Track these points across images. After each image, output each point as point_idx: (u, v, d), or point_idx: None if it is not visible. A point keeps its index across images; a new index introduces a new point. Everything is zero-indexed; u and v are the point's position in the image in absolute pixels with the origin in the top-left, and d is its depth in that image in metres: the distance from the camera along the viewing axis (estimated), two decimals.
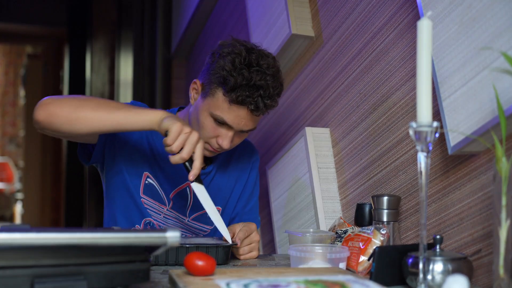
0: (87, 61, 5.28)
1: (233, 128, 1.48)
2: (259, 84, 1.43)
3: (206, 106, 1.49)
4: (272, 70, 1.47)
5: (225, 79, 1.44)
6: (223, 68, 1.44)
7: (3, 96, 8.41)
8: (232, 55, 1.45)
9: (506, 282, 0.94)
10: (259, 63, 1.46)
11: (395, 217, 1.38)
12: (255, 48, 1.50)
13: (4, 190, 7.56)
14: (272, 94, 1.46)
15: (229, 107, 1.45)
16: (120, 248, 0.94)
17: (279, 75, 1.51)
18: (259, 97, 1.44)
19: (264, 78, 1.44)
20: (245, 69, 1.43)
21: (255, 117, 1.49)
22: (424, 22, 0.95)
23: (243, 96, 1.43)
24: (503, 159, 0.95)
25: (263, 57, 1.48)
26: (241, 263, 1.45)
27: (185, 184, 1.61)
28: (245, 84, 1.42)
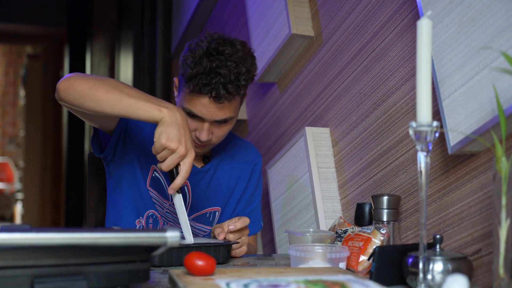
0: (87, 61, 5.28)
1: (205, 119, 1.48)
2: (217, 71, 1.43)
3: (180, 101, 1.53)
4: (237, 56, 1.46)
5: (185, 71, 1.46)
6: (185, 61, 1.47)
7: (3, 96, 8.42)
8: (194, 49, 1.47)
9: (506, 282, 0.94)
10: (219, 51, 1.45)
11: (395, 217, 1.38)
12: (221, 37, 1.50)
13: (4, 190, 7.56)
14: (233, 80, 1.44)
15: (191, 98, 1.47)
16: (120, 248, 0.94)
17: (247, 60, 1.49)
18: (219, 84, 1.43)
19: (224, 65, 1.44)
20: (204, 58, 1.44)
21: (223, 105, 1.47)
22: (424, 22, 0.95)
23: (201, 85, 1.43)
24: (503, 159, 0.95)
25: (226, 44, 1.47)
26: (241, 262, 1.45)
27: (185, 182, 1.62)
28: (201, 72, 1.43)
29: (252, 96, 2.49)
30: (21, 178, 7.46)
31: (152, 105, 1.33)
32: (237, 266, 1.39)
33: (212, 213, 1.67)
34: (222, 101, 1.45)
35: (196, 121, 1.50)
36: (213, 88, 1.43)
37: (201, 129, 1.50)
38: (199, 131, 1.51)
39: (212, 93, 1.44)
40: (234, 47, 1.48)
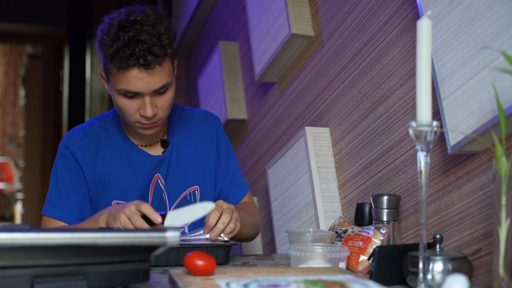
0: (87, 61, 5.28)
1: (143, 92, 1.45)
2: (137, 39, 1.40)
3: (112, 87, 1.49)
4: (150, 19, 1.43)
5: (105, 53, 1.42)
6: (102, 43, 1.44)
7: (3, 96, 8.41)
8: (106, 28, 1.44)
9: (506, 282, 0.94)
10: (132, 21, 1.42)
11: (395, 217, 1.38)
12: (129, 9, 1.47)
13: (4, 190, 7.56)
14: (156, 42, 1.41)
15: (120, 76, 1.43)
16: (120, 248, 0.94)
17: (163, 20, 1.46)
18: (143, 50, 1.39)
19: (142, 30, 1.40)
20: (120, 32, 1.41)
21: (154, 71, 1.43)
22: (424, 22, 0.95)
23: (125, 57, 1.40)
24: (503, 159, 0.95)
25: (135, 13, 1.44)
26: (241, 262, 1.45)
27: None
28: (122, 45, 1.39)
29: (252, 96, 2.49)
30: (21, 178, 7.46)
31: (94, 222, 1.44)
32: (237, 266, 1.39)
33: (191, 194, 1.66)
34: (152, 66, 1.42)
35: (136, 100, 1.46)
36: (139, 56, 1.39)
37: (144, 105, 1.46)
38: (142, 108, 1.47)
39: (139, 61, 1.40)
40: (145, 12, 1.45)
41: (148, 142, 1.63)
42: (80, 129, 1.62)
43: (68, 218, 1.56)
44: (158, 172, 1.62)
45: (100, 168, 1.58)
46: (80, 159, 1.57)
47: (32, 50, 7.67)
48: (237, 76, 2.63)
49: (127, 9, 1.48)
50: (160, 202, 1.62)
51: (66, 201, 1.56)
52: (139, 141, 1.63)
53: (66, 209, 1.56)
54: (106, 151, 1.59)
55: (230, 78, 2.61)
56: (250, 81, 2.51)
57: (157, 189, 1.62)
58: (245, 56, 2.58)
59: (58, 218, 1.57)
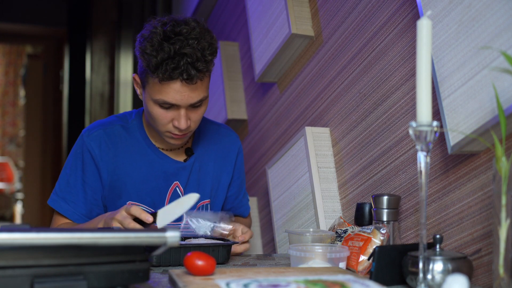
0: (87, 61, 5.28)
1: (180, 105, 1.45)
2: (182, 52, 1.39)
3: (148, 95, 1.48)
4: (195, 33, 1.42)
5: (148, 62, 1.41)
6: (144, 51, 1.42)
7: (3, 96, 8.41)
8: (149, 37, 1.42)
9: (506, 282, 0.94)
10: (177, 32, 1.41)
11: (395, 217, 1.38)
12: (173, 19, 1.46)
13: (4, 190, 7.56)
14: (201, 57, 1.41)
15: (161, 87, 1.42)
16: (120, 248, 0.94)
17: (206, 34, 1.45)
18: (187, 64, 1.39)
19: (187, 44, 1.40)
20: (164, 43, 1.40)
21: (195, 86, 1.44)
22: (424, 22, 0.95)
23: (169, 70, 1.39)
24: (503, 159, 0.95)
25: (180, 24, 1.43)
26: (241, 262, 1.45)
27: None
28: (167, 57, 1.39)
29: (252, 96, 2.49)
30: (21, 178, 7.46)
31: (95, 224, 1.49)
32: (237, 266, 1.39)
33: (203, 206, 1.67)
34: (194, 81, 1.42)
35: (171, 111, 1.46)
36: (182, 70, 1.39)
37: (179, 117, 1.46)
38: (176, 120, 1.47)
39: (183, 75, 1.40)
40: (189, 25, 1.43)
41: (170, 146, 1.63)
42: (100, 126, 1.60)
43: (73, 215, 1.57)
44: (177, 179, 1.61)
45: (118, 168, 1.57)
46: (97, 156, 1.56)
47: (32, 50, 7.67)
48: (237, 76, 2.63)
49: (170, 18, 1.46)
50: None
51: (74, 198, 1.56)
52: (161, 144, 1.62)
53: (73, 205, 1.56)
54: (125, 151, 1.58)
55: (230, 78, 2.61)
56: (250, 81, 2.51)
57: (175, 196, 1.61)
58: (245, 56, 2.58)
59: (63, 213, 1.57)
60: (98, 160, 1.56)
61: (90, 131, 1.58)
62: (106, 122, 1.62)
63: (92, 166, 1.56)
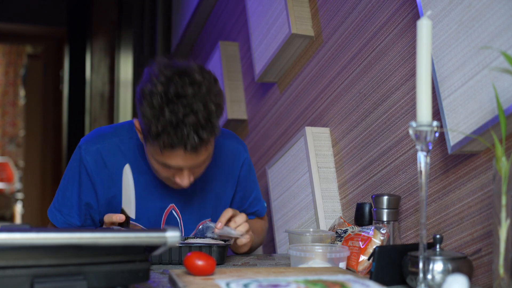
0: (87, 61, 5.28)
1: (183, 168, 1.36)
2: (185, 121, 1.26)
3: (148, 151, 1.39)
4: (201, 94, 1.28)
5: (148, 128, 1.29)
6: (144, 115, 1.29)
7: (3, 96, 8.42)
8: (149, 97, 1.29)
9: (506, 282, 0.94)
10: (180, 94, 1.27)
11: (395, 217, 1.38)
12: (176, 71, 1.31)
13: (4, 190, 7.56)
14: (205, 125, 1.28)
15: (163, 154, 1.32)
16: (120, 248, 0.94)
17: (213, 91, 1.32)
18: (191, 133, 1.27)
19: (191, 110, 1.26)
20: (165, 107, 1.26)
21: (201, 151, 1.33)
22: (424, 22, 0.95)
23: (170, 141, 1.28)
24: (503, 159, 0.95)
25: (184, 82, 1.29)
26: (241, 262, 1.45)
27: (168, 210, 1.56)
28: (168, 125, 1.26)
29: (252, 96, 2.49)
30: (21, 178, 7.46)
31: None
32: (237, 266, 1.39)
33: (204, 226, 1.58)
34: (198, 149, 1.31)
35: (173, 169, 1.37)
36: (186, 141, 1.27)
37: (181, 176, 1.38)
38: (178, 177, 1.38)
39: (186, 147, 1.28)
40: (195, 81, 1.29)
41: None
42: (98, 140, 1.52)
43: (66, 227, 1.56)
44: (173, 202, 1.54)
45: (114, 186, 1.51)
46: (93, 172, 1.50)
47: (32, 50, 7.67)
48: (237, 76, 2.63)
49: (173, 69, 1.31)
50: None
51: (70, 211, 1.54)
52: None
53: (68, 218, 1.54)
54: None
55: (230, 78, 2.61)
56: (250, 81, 2.51)
57: (171, 219, 1.55)
58: (245, 56, 2.58)
59: (58, 226, 1.56)
60: (94, 176, 1.50)
61: (88, 145, 1.51)
62: (104, 135, 1.54)
63: (88, 182, 1.51)
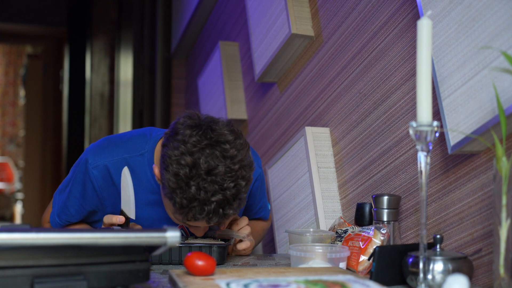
0: (87, 61, 5.28)
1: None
2: (212, 200, 1.21)
3: (167, 205, 1.34)
4: (233, 171, 1.22)
5: (172, 196, 1.25)
6: (169, 181, 1.24)
7: (3, 96, 8.42)
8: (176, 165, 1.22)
9: (506, 282, 0.94)
10: (211, 171, 1.21)
11: (395, 217, 1.38)
12: (208, 145, 1.23)
13: (4, 190, 7.56)
14: (233, 202, 1.24)
15: (184, 221, 1.31)
16: (120, 248, 0.94)
17: (244, 162, 1.25)
18: (218, 209, 1.23)
19: (220, 189, 1.21)
20: (192, 182, 1.21)
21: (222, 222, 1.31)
22: (424, 22, 0.95)
23: (194, 215, 1.24)
24: (503, 159, 0.95)
25: (215, 156, 1.22)
26: (241, 262, 1.45)
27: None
28: (195, 202, 1.22)
29: (252, 96, 2.49)
30: (21, 178, 7.47)
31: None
32: (237, 266, 1.39)
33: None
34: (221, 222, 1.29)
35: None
36: (210, 217, 1.24)
37: (197, 230, 1.39)
38: (194, 229, 1.39)
39: (210, 222, 1.26)
40: (227, 156, 1.22)
41: None
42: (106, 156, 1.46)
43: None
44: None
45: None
46: (100, 188, 1.47)
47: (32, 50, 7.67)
48: (237, 76, 2.62)
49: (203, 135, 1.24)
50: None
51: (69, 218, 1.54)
52: None
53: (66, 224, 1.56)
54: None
55: (230, 78, 2.61)
56: (250, 81, 2.51)
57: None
58: (245, 56, 2.58)
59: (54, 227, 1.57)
60: (101, 192, 1.47)
61: (95, 160, 1.46)
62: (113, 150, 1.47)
63: (94, 196, 1.48)
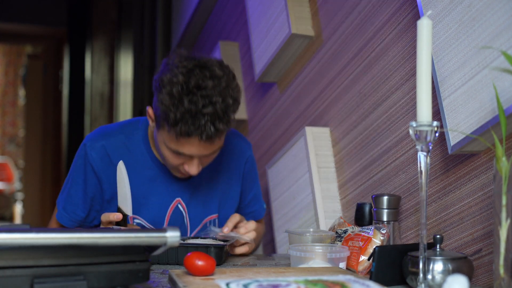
0: (87, 61, 5.28)
1: (194, 156, 1.41)
2: (204, 111, 1.32)
3: (161, 138, 1.42)
4: (220, 88, 1.35)
5: (166, 115, 1.34)
6: (162, 102, 1.34)
7: (3, 96, 8.42)
8: (169, 85, 1.33)
9: (506, 282, 0.94)
10: (200, 86, 1.33)
11: (395, 217, 1.38)
12: (197, 64, 1.36)
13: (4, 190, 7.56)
14: (222, 116, 1.34)
15: (178, 141, 1.37)
16: (120, 248, 0.94)
17: (230, 86, 1.38)
18: (208, 123, 1.32)
19: (210, 102, 1.32)
20: (185, 98, 1.32)
21: (214, 141, 1.38)
22: (424, 22, 0.95)
23: (188, 129, 1.32)
24: (503, 159, 0.95)
25: (205, 76, 1.34)
26: (241, 262, 1.45)
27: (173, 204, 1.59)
28: (187, 115, 1.31)
29: (252, 96, 2.49)
30: (21, 178, 7.46)
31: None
32: (237, 266, 1.39)
33: (212, 221, 1.63)
34: (213, 139, 1.37)
35: (184, 157, 1.42)
36: (202, 130, 1.33)
37: (190, 164, 1.42)
38: (187, 166, 1.43)
39: (202, 136, 1.34)
40: (215, 75, 1.35)
41: None
42: (103, 137, 1.55)
43: (72, 225, 1.56)
44: (179, 196, 1.57)
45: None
46: (98, 169, 1.52)
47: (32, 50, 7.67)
48: (237, 76, 2.62)
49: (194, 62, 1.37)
50: (181, 227, 1.57)
51: (74, 208, 1.55)
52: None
53: (72, 216, 1.55)
54: (127, 165, 1.49)
55: None
56: (250, 81, 2.51)
57: (176, 213, 1.57)
58: (245, 56, 2.58)
59: (62, 222, 1.57)
60: (100, 172, 1.52)
61: (92, 142, 1.53)
62: (109, 132, 1.56)
63: (93, 177, 1.53)
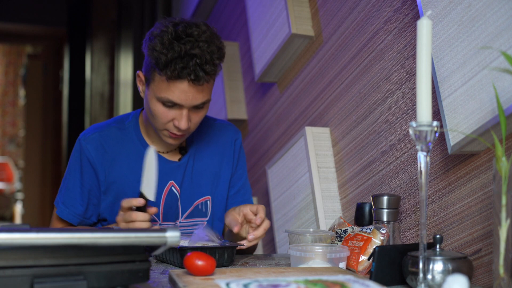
0: (87, 61, 5.28)
1: (184, 105, 1.46)
2: (192, 53, 1.41)
3: (151, 92, 1.49)
4: (205, 36, 1.45)
5: (157, 59, 1.43)
6: (154, 49, 1.44)
7: (3, 96, 8.42)
8: (160, 36, 1.44)
9: (506, 282, 0.94)
10: (188, 33, 1.44)
11: (395, 217, 1.38)
12: (184, 20, 1.48)
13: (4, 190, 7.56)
14: (209, 60, 1.43)
15: (168, 85, 1.44)
16: (120, 248, 0.94)
17: (215, 39, 1.48)
18: (196, 66, 1.41)
19: (197, 46, 1.42)
20: (174, 42, 1.42)
21: (201, 87, 1.45)
22: (424, 22, 0.95)
23: (178, 69, 1.41)
24: (503, 159, 0.95)
25: (191, 26, 1.46)
26: (241, 262, 1.45)
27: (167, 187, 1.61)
28: (177, 56, 1.41)
29: (252, 96, 2.49)
30: (21, 178, 7.46)
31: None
32: (237, 266, 1.39)
33: (203, 204, 1.66)
34: (201, 82, 1.44)
35: (174, 110, 1.48)
36: (192, 71, 1.41)
37: (180, 117, 1.48)
38: (177, 120, 1.48)
39: (191, 76, 1.42)
40: (200, 28, 1.46)
41: (167, 148, 1.63)
42: (96, 129, 1.62)
43: (72, 219, 1.59)
44: (172, 179, 1.62)
45: (114, 170, 1.59)
46: (93, 159, 1.57)
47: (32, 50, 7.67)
48: (237, 76, 2.63)
49: (181, 20, 1.49)
50: (174, 209, 1.62)
51: (73, 201, 1.59)
52: (157, 145, 1.62)
53: (72, 209, 1.59)
54: (121, 153, 1.59)
55: (230, 78, 2.61)
56: (250, 81, 2.51)
57: (171, 195, 1.61)
58: (245, 56, 2.58)
59: (63, 217, 1.60)
60: (95, 162, 1.58)
61: (86, 135, 1.60)
62: (102, 125, 1.63)
63: (89, 169, 1.58)
